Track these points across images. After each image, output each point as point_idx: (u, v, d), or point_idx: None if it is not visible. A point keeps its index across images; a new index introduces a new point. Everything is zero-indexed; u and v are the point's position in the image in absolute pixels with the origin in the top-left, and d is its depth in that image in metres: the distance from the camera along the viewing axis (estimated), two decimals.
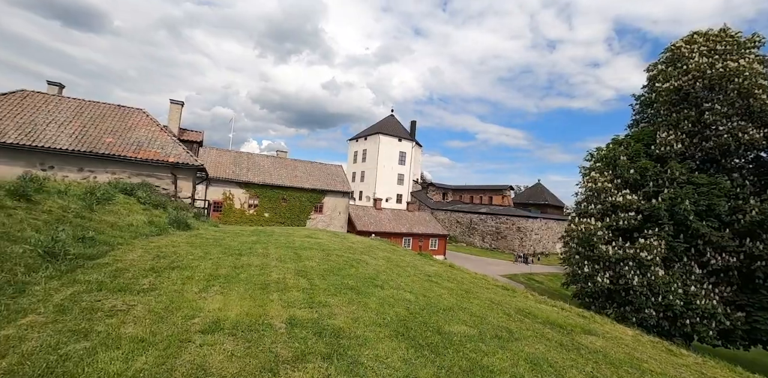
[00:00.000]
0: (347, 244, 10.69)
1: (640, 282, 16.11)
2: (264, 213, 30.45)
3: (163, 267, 5.36)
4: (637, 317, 16.64)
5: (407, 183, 65.44)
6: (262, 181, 30.29)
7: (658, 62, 21.87)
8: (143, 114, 18.28)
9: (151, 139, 16.84)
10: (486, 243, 56.99)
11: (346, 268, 7.05)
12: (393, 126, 66.49)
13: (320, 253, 8.12)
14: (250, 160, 32.07)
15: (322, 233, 13.19)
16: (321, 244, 9.68)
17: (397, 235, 38.44)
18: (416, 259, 10.73)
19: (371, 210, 39.81)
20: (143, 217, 9.40)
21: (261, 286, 4.99)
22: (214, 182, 28.71)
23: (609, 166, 19.29)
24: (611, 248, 16.71)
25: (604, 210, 18.04)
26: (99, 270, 4.80)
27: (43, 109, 16.53)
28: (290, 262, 6.70)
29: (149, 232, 8.22)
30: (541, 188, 68.61)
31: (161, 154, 16.04)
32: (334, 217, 33.50)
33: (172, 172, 16.07)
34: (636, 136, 20.02)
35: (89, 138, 15.79)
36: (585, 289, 17.78)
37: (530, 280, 37.36)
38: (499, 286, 8.86)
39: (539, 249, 54.52)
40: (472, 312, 5.48)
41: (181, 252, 6.53)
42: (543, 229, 56.03)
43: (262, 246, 8.28)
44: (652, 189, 17.54)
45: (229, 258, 6.51)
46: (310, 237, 11.28)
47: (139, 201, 11.90)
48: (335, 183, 34.27)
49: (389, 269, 7.94)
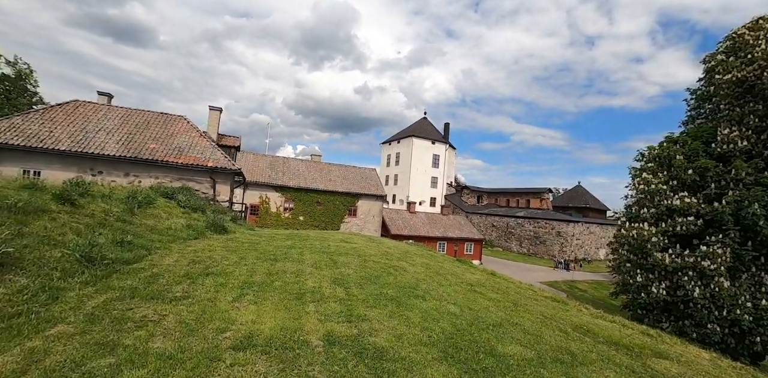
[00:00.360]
0: (383, 250, 10.32)
1: (701, 294, 14.67)
2: (299, 216, 30.74)
3: (197, 273, 5.20)
4: (699, 333, 15.16)
5: (441, 186, 64.47)
6: (297, 185, 30.63)
7: (717, 52, 20.11)
8: (184, 120, 18.87)
9: (192, 144, 17.30)
10: (523, 248, 55.01)
11: (384, 275, 6.67)
12: (426, 128, 65.83)
13: (356, 260, 7.79)
14: (285, 165, 32.57)
15: (357, 238, 12.91)
16: (357, 250, 9.37)
17: (432, 239, 37.71)
18: (455, 266, 10.19)
19: (405, 214, 39.34)
20: (182, 221, 9.48)
21: (296, 295, 4.71)
22: (250, 186, 29.31)
23: (663, 166, 17.83)
24: (668, 256, 15.35)
25: (658, 214, 16.64)
26: (134, 275, 4.68)
27: (93, 117, 17.38)
28: (326, 269, 6.41)
29: (187, 235, 8.23)
30: (581, 190, 65.51)
31: (201, 159, 16.42)
32: (368, 221, 33.33)
33: (211, 176, 16.41)
34: (693, 134, 18.43)
35: (135, 144, 16.42)
36: (637, 301, 16.42)
37: (572, 288, 35.50)
38: (548, 298, 8.18)
39: (581, 255, 51.95)
40: (525, 328, 4.93)
41: (216, 257, 6.40)
42: (585, 233, 53.40)
43: (297, 251, 8.07)
44: (713, 191, 16.00)
45: (264, 264, 6.31)
46: (345, 241, 11.01)
47: (179, 204, 12.12)
48: (369, 186, 34.13)
49: (429, 277, 7.48)
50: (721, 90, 18.02)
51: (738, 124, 17.13)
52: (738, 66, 17.44)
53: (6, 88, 35.23)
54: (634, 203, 18.00)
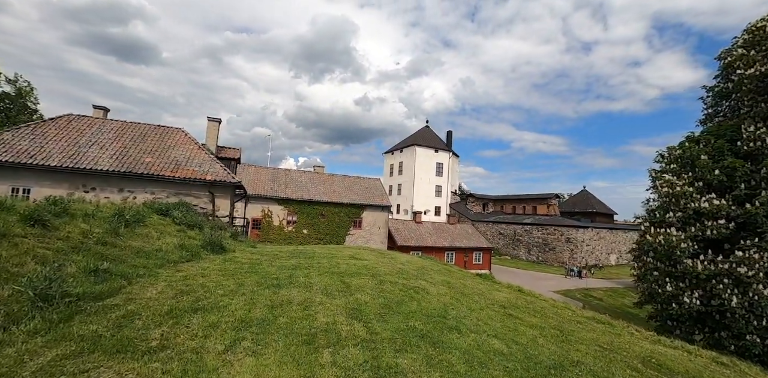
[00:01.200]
0: (397, 267, 9.35)
1: (739, 303, 13.56)
2: (303, 229, 29.77)
3: (184, 308, 4.26)
4: (737, 345, 13.99)
5: (445, 195, 63.50)
6: (300, 197, 29.74)
7: (733, 47, 19.33)
8: (182, 133, 18.11)
9: (189, 157, 16.49)
10: (532, 255, 53.68)
11: (406, 301, 5.71)
12: (428, 137, 65.23)
13: (371, 281, 6.83)
14: (287, 177, 31.74)
15: (367, 253, 11.93)
16: (369, 268, 8.41)
17: (439, 250, 36.59)
18: (478, 283, 9.19)
19: (411, 224, 38.30)
20: (175, 240, 8.56)
21: (306, 337, 3.74)
22: (252, 199, 28.45)
23: (686, 167, 16.87)
24: (700, 263, 14.28)
25: (685, 218, 15.61)
26: (103, 316, 3.74)
27: (86, 131, 16.64)
28: (339, 296, 5.45)
29: (179, 257, 7.29)
30: (587, 195, 64.39)
31: (198, 173, 15.58)
32: (373, 233, 32.31)
33: (210, 190, 15.54)
34: (716, 132, 17.50)
35: (129, 158, 15.61)
36: (668, 311, 15.27)
37: (587, 296, 34.13)
38: (590, 319, 7.16)
39: (592, 261, 50.58)
40: (592, 369, 3.95)
41: (209, 284, 5.46)
42: (595, 239, 52.11)
43: (304, 272, 7.11)
44: (743, 192, 15.01)
45: (266, 291, 5.35)
46: (354, 258, 10.05)
47: (174, 221, 11.22)
48: (374, 197, 33.20)
49: (456, 300, 6.50)
50: (743, 85, 17.16)
51: (764, 120, 16.23)
52: (760, 60, 16.62)
53: (6, 106, 34.84)
54: (657, 207, 16.97)
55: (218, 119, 18.09)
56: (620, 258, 55.89)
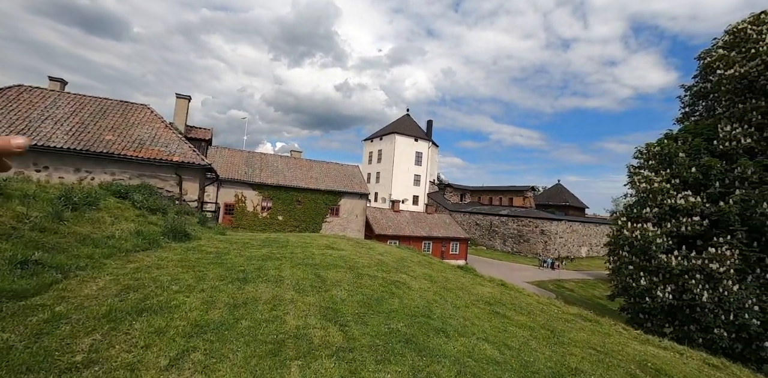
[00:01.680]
0: (376, 258, 8.85)
1: (710, 298, 13.87)
2: (278, 216, 28.87)
3: (126, 309, 3.59)
4: (705, 338, 14.38)
5: (424, 184, 63.47)
6: (276, 183, 28.73)
7: (713, 48, 19.52)
8: (147, 110, 16.81)
9: (155, 136, 15.32)
10: (507, 246, 54.62)
11: (387, 298, 5.20)
12: (409, 125, 64.66)
13: (348, 274, 6.28)
14: (263, 161, 30.57)
15: (344, 242, 11.37)
16: (345, 259, 7.86)
17: (417, 239, 36.47)
18: (460, 277, 8.82)
19: (389, 212, 37.93)
20: (131, 226, 7.73)
21: (271, 346, 3.17)
22: (225, 184, 27.26)
23: (663, 164, 17.03)
24: (674, 258, 14.50)
25: (661, 214, 15.80)
26: (20, 321, 3.04)
27: (39, 104, 15.17)
28: (312, 293, 4.87)
29: (133, 246, 6.52)
30: (561, 189, 65.84)
31: (165, 153, 14.49)
32: (350, 221, 31.75)
33: (177, 172, 14.50)
34: (693, 130, 17.69)
35: (88, 135, 14.34)
36: (640, 305, 15.53)
37: (560, 287, 34.98)
38: (575, 315, 6.90)
39: (564, 253, 51.93)
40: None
41: (164, 278, 4.77)
42: (568, 231, 53.42)
43: (275, 264, 6.49)
44: (718, 190, 15.25)
45: (229, 287, 4.72)
46: (331, 248, 9.48)
47: (135, 205, 10.29)
48: (352, 184, 32.52)
49: (439, 296, 6.06)
50: (721, 86, 17.33)
51: (739, 121, 16.47)
52: (740, 61, 16.78)
53: None
54: (635, 202, 17.12)
55: (187, 96, 16.82)
56: (591, 250, 57.63)
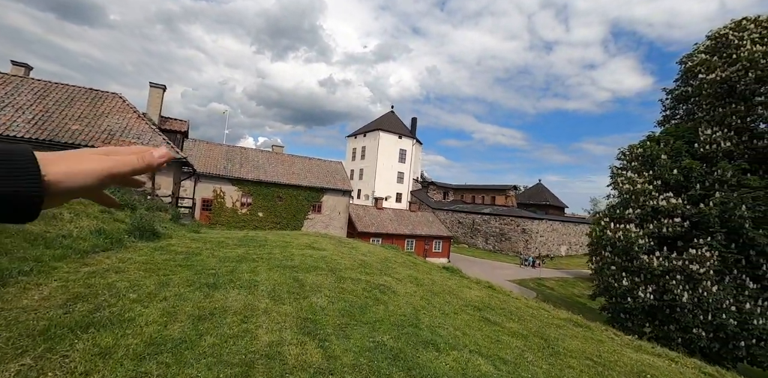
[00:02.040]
0: (359, 259, 8.44)
1: (689, 298, 14.02)
2: (258, 212, 28.08)
3: (70, 324, 3.07)
4: (684, 338, 14.57)
5: (407, 182, 63.33)
6: (256, 178, 27.91)
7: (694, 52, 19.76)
8: (119, 99, 15.88)
9: (126, 127, 14.46)
10: (489, 245, 55.03)
11: (371, 305, 4.80)
12: (393, 122, 64.29)
13: (330, 278, 5.85)
14: (243, 155, 29.66)
15: (326, 241, 10.91)
16: (327, 260, 7.43)
17: (400, 237, 36.21)
18: (446, 279, 8.49)
19: (372, 210, 37.53)
20: (93, 224, 7.08)
21: (239, 369, 2.71)
22: (203, 178, 26.31)
23: (646, 165, 17.16)
24: (655, 259, 14.61)
25: (643, 215, 15.91)
26: None
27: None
28: (289, 301, 4.42)
29: (92, 246, 5.91)
30: (542, 188, 66.72)
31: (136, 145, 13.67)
32: (333, 218, 31.20)
33: None
34: (675, 133, 17.89)
35: (51, 125, 13.40)
36: (622, 305, 15.63)
37: (540, 285, 35.33)
38: (566, 320, 6.66)
39: (544, 251, 52.69)
40: None
41: (121, 284, 4.24)
42: (548, 230, 54.17)
43: (250, 266, 6.00)
44: (698, 192, 15.44)
45: (196, 294, 4.22)
46: (312, 247, 9.01)
47: None
48: (335, 181, 31.94)
49: (427, 301, 5.70)
50: (703, 90, 17.54)
51: (719, 124, 16.71)
52: (721, 66, 17.01)
53: None
54: (618, 203, 17.22)
55: (162, 85, 15.91)
56: (570, 249, 58.67)
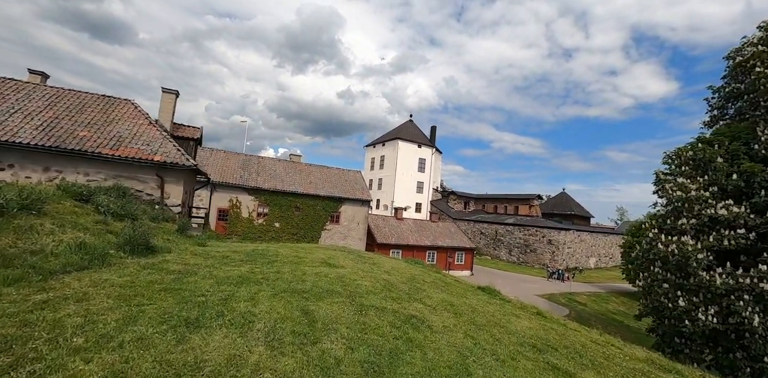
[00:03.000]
0: (382, 277, 7.21)
1: (761, 322, 12.11)
2: (274, 223, 27.23)
3: None
4: (753, 367, 12.59)
5: (427, 191, 61.88)
6: (273, 188, 27.15)
7: (745, 45, 18.01)
8: (131, 105, 15.34)
9: (136, 133, 13.80)
10: (513, 256, 52.75)
11: (402, 349, 3.56)
12: (412, 131, 63.30)
13: (348, 308, 4.65)
14: (260, 164, 29.04)
15: (343, 256, 9.75)
16: (345, 281, 6.24)
17: (421, 249, 34.73)
18: (486, 303, 7.15)
19: (392, 220, 36.24)
20: (77, 236, 6.12)
21: None
22: (219, 188, 25.71)
23: (698, 170, 15.38)
24: (718, 276, 12.78)
25: (699, 225, 14.10)
26: None
27: (10, 97, 13.69)
28: (292, 349, 3.22)
29: (63, 265, 4.90)
30: (566, 197, 63.78)
31: (145, 152, 12.94)
32: (351, 228, 30.08)
33: (158, 173, 12.93)
34: (728, 134, 16.07)
35: (60, 131, 12.82)
36: (678, 328, 13.75)
37: (571, 301, 33.08)
38: (648, 363, 5.22)
39: (572, 263, 50.06)
40: None
41: (72, 321, 3.15)
42: (576, 242, 51.56)
43: (250, 291, 4.87)
44: (763, 199, 13.58)
45: (166, 337, 3.09)
46: (327, 264, 7.85)
47: (98, 210, 8.72)
48: (354, 190, 30.91)
49: (471, 339, 4.41)
50: (761, 85, 15.76)
51: None
52: None
53: None
54: (668, 212, 15.41)
55: (174, 91, 15.29)
56: (599, 261, 55.72)
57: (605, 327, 27.38)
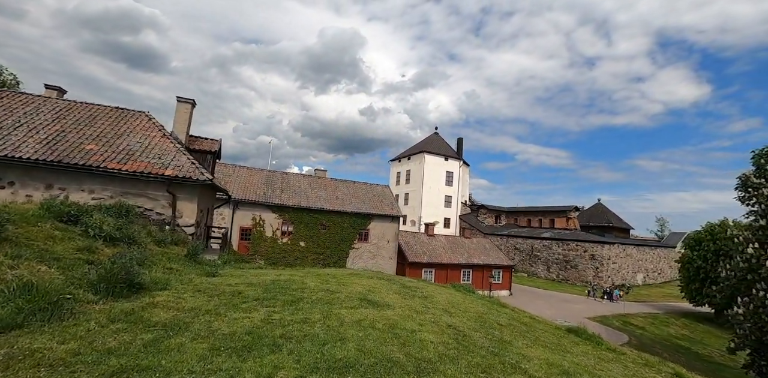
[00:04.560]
0: (445, 322, 5.19)
1: None
2: (299, 242, 25.55)
3: None
4: None
5: (455, 205, 59.28)
6: (298, 204, 25.61)
7: None
8: (145, 117, 14.14)
9: (147, 146, 12.46)
10: (552, 273, 49.09)
11: None
12: (438, 144, 61.36)
13: None
14: (284, 180, 27.68)
15: (384, 287, 7.76)
16: (400, 334, 4.28)
17: (455, 267, 32.22)
18: (597, 358, 4.96)
19: (423, 237, 33.99)
20: (28, 273, 4.44)
21: None
22: (242, 205, 24.37)
23: None
24: None
25: None
26: None
27: (18, 110, 12.67)
28: None
29: None
30: (603, 208, 59.12)
31: (155, 166, 11.50)
32: (381, 247, 28.03)
33: (169, 189, 11.43)
34: None
35: (65, 145, 11.59)
36: None
37: (627, 324, 29.56)
38: None
39: (618, 280, 45.92)
40: None
41: None
42: (621, 256, 47.52)
43: (263, 368, 2.98)
44: None
45: None
46: (368, 302, 5.89)
47: (86, 233, 7.15)
48: (382, 206, 29.02)
49: None
50: None
51: None
52: None
53: None
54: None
55: (190, 100, 13.98)
56: (647, 277, 51.17)
57: (672, 355, 23.88)
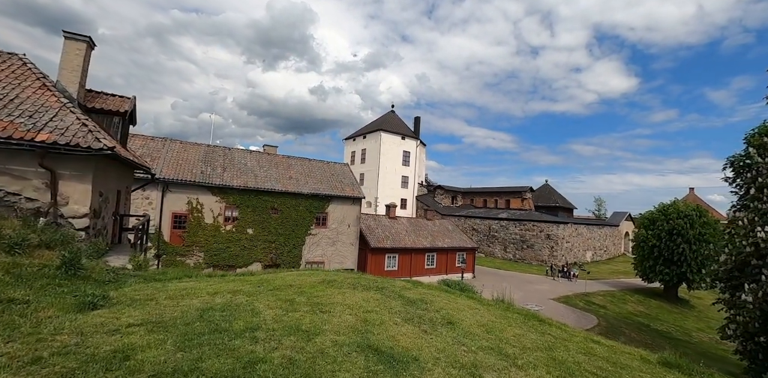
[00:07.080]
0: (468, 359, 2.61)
1: None
2: (246, 229, 22.00)
3: None
4: None
5: (412, 186, 57.61)
6: (244, 185, 21.89)
7: None
8: (17, 60, 9.93)
9: (13, 100, 8.51)
10: (509, 253, 49.39)
11: None
12: (395, 123, 58.74)
13: None
14: (227, 157, 23.62)
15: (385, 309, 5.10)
16: None
17: (419, 251, 30.36)
18: None
19: (384, 220, 31.60)
20: None
21: None
22: (174, 187, 20.25)
23: None
24: None
25: None
26: None
27: None
28: None
29: None
30: (550, 189, 60.44)
31: (21, 127, 7.70)
32: (341, 232, 25.20)
33: (44, 163, 7.69)
34: None
35: None
36: None
37: (589, 303, 29.61)
38: None
39: (570, 258, 47.14)
40: None
41: None
42: (573, 235, 48.70)
43: None
44: None
45: None
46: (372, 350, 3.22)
47: None
48: (342, 186, 26.00)
49: None
50: None
51: None
52: None
53: None
54: None
55: (85, 37, 9.75)
56: (595, 255, 53.28)
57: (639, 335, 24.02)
